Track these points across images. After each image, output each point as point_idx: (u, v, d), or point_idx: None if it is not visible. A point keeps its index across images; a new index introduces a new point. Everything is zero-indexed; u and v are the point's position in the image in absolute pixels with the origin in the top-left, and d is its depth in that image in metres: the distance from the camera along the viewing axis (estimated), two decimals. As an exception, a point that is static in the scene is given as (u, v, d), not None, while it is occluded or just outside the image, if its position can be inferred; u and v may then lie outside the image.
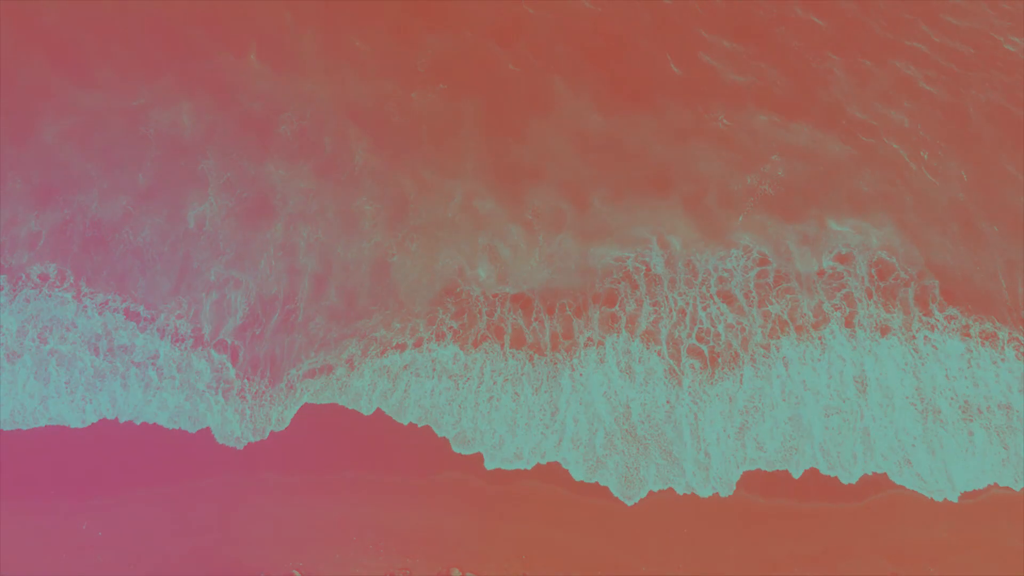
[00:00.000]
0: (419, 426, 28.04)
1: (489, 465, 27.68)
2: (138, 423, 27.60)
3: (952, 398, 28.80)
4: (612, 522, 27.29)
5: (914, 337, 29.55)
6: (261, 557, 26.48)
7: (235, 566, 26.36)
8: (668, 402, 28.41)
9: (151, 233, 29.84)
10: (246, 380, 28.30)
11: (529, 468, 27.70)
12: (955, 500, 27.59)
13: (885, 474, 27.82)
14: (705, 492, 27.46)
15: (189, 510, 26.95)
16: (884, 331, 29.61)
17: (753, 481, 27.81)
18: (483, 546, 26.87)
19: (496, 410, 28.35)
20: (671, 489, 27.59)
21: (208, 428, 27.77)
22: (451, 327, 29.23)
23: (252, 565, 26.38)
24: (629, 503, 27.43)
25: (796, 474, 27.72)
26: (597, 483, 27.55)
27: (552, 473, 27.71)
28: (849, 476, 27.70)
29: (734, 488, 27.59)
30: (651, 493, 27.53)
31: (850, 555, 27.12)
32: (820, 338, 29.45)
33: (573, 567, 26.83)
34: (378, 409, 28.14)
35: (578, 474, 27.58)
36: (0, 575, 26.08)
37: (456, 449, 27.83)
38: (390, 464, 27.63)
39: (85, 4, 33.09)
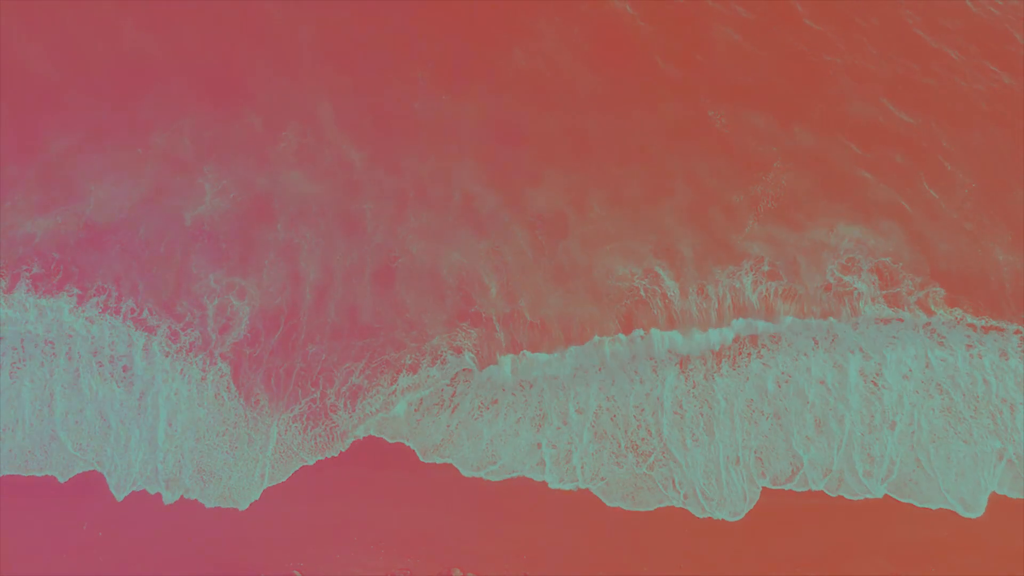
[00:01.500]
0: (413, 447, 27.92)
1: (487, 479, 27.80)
2: (137, 489, 27.08)
3: (955, 399, 28.85)
4: (612, 522, 27.31)
5: (916, 332, 29.61)
6: (261, 557, 26.46)
7: (235, 566, 26.33)
8: (672, 407, 28.44)
9: (148, 236, 29.88)
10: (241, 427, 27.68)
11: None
12: (979, 513, 27.56)
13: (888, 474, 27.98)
14: (718, 515, 27.52)
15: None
16: (886, 323, 29.61)
17: (753, 481, 27.89)
18: (483, 546, 26.86)
19: (490, 424, 28.13)
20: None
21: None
22: (465, 344, 29.14)
23: (252, 565, 26.36)
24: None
25: (799, 490, 27.83)
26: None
27: (552, 473, 27.89)
28: (855, 496, 27.84)
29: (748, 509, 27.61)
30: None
31: (850, 555, 27.11)
32: (826, 326, 29.46)
33: (573, 567, 26.81)
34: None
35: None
36: (0, 575, 26.07)
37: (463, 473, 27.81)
38: (390, 464, 27.69)
39: (86, 10, 33.58)
